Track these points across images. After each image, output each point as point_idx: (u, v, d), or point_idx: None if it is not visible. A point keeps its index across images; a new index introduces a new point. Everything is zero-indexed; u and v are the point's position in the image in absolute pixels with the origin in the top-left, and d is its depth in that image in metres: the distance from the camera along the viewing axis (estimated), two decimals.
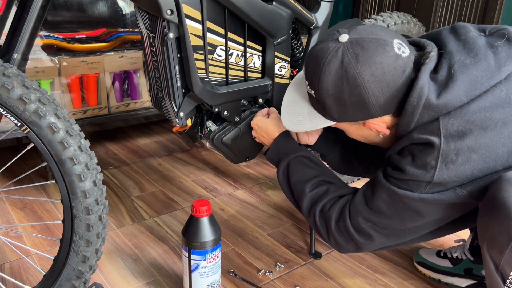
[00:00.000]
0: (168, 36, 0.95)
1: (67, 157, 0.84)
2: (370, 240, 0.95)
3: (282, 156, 1.08)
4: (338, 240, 0.98)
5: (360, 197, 0.96)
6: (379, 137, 0.96)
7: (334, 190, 1.02)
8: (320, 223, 0.99)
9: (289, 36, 1.11)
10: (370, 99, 0.85)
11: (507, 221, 0.84)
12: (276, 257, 1.30)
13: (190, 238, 1.01)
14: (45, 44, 1.66)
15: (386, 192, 0.91)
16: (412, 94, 0.84)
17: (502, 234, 0.86)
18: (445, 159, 0.83)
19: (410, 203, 0.88)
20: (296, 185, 1.04)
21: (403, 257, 1.32)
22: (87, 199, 0.87)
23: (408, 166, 0.87)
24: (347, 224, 0.95)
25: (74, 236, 0.89)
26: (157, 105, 1.15)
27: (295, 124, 0.99)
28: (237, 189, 1.70)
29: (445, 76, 0.84)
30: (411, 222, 0.91)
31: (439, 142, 0.82)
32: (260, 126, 1.12)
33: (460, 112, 0.82)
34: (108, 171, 1.81)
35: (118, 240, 1.36)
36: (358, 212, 0.94)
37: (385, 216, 0.91)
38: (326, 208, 0.99)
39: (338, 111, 0.90)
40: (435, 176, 0.84)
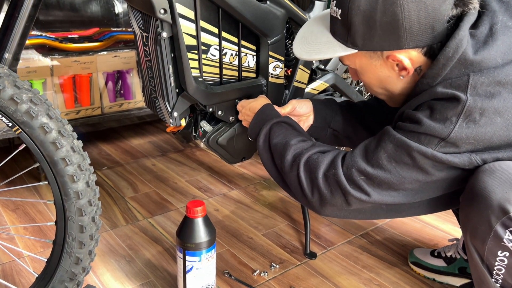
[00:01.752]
0: (161, 35, 0.94)
1: (59, 158, 0.83)
2: (361, 192, 0.87)
3: (263, 123, 1.02)
4: (322, 192, 0.90)
5: (361, 149, 0.89)
6: (398, 81, 0.89)
7: (320, 145, 0.96)
8: (304, 174, 0.91)
9: (283, 35, 1.11)
10: (404, 21, 0.78)
11: (486, 211, 0.85)
12: (271, 257, 1.29)
13: (185, 239, 1.00)
14: (37, 44, 1.65)
15: (393, 143, 0.84)
16: (449, 44, 0.79)
17: (482, 224, 0.86)
18: (467, 117, 0.79)
19: (419, 159, 0.83)
20: (278, 145, 0.97)
21: (398, 256, 1.32)
22: (80, 200, 0.86)
23: (425, 118, 0.81)
24: (338, 173, 0.87)
25: (67, 238, 0.88)
26: (151, 105, 1.14)
27: (308, 52, 0.91)
28: (232, 190, 1.70)
29: (485, 33, 0.81)
30: (410, 182, 0.86)
31: (465, 98, 0.78)
32: (244, 106, 1.09)
33: (493, 72, 0.79)
34: (101, 172, 1.79)
35: (111, 242, 1.34)
36: (353, 163, 0.87)
37: (384, 170, 0.85)
38: (313, 157, 0.92)
39: (364, 34, 0.82)
40: (452, 133, 0.80)
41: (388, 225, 1.48)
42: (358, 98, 1.41)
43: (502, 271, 0.86)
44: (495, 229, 0.84)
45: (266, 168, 1.01)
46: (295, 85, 1.20)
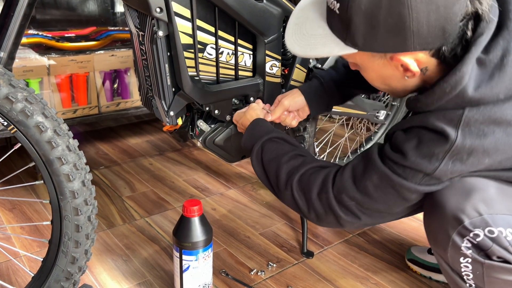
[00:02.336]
0: (157, 34, 0.94)
1: (55, 157, 0.83)
2: (352, 217, 0.89)
3: (255, 140, 1.02)
4: (318, 211, 0.91)
5: (349, 172, 0.88)
6: (402, 80, 0.82)
7: (311, 161, 0.94)
8: (299, 194, 0.92)
9: (280, 34, 1.10)
10: (412, 23, 0.70)
11: (443, 221, 0.88)
12: (268, 256, 1.29)
13: (181, 239, 1.00)
14: (33, 43, 1.64)
15: (378, 175, 0.83)
16: (448, 79, 0.73)
17: (441, 234, 0.89)
18: (454, 156, 0.77)
19: (402, 192, 0.83)
20: (270, 163, 0.97)
21: (395, 255, 1.32)
22: (76, 199, 0.86)
23: (411, 151, 0.79)
24: (330, 197, 0.88)
25: (63, 237, 0.88)
26: (147, 104, 1.14)
27: (303, 46, 0.81)
28: (229, 189, 1.69)
29: (495, 63, 0.73)
30: (397, 207, 0.88)
31: (455, 136, 0.75)
32: (238, 120, 1.10)
33: (491, 110, 0.74)
34: (98, 171, 1.79)
35: (108, 241, 1.34)
36: (343, 188, 0.87)
37: (371, 199, 0.86)
38: (305, 177, 0.91)
39: (365, 34, 0.73)
40: (437, 170, 0.79)
41: (385, 224, 1.48)
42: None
43: (471, 276, 0.89)
44: (453, 238, 0.87)
45: (260, 180, 1.03)
46: (292, 84, 1.20)
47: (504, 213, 0.84)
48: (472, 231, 0.85)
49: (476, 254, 0.87)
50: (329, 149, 1.72)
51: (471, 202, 0.85)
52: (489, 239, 0.85)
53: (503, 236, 0.84)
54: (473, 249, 0.87)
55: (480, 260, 0.86)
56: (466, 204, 0.85)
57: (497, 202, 0.85)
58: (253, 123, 1.05)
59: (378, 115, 1.54)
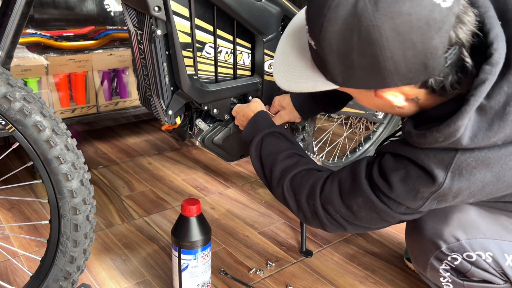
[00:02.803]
0: (155, 33, 0.94)
1: (53, 156, 0.83)
2: (337, 227, 0.89)
3: (256, 132, 1.02)
4: (306, 214, 0.92)
5: (336, 186, 0.86)
6: (396, 110, 0.78)
7: (305, 163, 0.94)
8: (289, 194, 0.93)
9: (278, 33, 1.10)
10: (387, 63, 0.65)
11: (421, 245, 0.91)
12: (267, 255, 1.29)
13: (180, 238, 1.00)
14: (31, 42, 1.64)
15: (363, 198, 0.82)
16: (442, 129, 0.68)
17: (420, 255, 0.93)
18: (440, 197, 0.75)
19: (385, 217, 0.82)
20: (268, 157, 0.97)
21: (394, 254, 1.32)
22: (74, 198, 0.86)
23: (397, 183, 0.76)
24: (316, 204, 0.88)
25: (61, 237, 0.88)
26: (146, 103, 1.14)
27: (288, 79, 0.78)
28: (228, 188, 1.69)
29: (496, 110, 0.67)
30: (380, 225, 0.88)
31: (442, 180, 0.72)
32: (238, 112, 1.10)
33: (485, 154, 0.70)
34: (97, 171, 1.79)
35: (107, 240, 1.34)
36: (330, 200, 0.86)
37: (355, 216, 0.85)
38: (297, 179, 0.91)
39: (342, 73, 0.70)
40: (421, 207, 0.78)
41: None
42: None
43: None
44: (431, 262, 0.91)
45: (257, 174, 1.02)
46: None
47: (482, 237, 0.86)
48: (450, 255, 0.88)
49: (455, 276, 0.90)
50: (327, 148, 1.72)
51: (448, 228, 0.88)
52: (467, 262, 0.87)
53: (482, 259, 0.86)
54: (452, 271, 0.90)
55: (460, 282, 0.89)
56: (444, 230, 0.88)
57: (475, 226, 0.87)
58: (257, 115, 1.05)
59: (377, 114, 1.54)
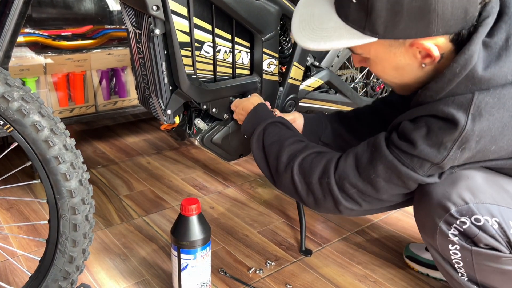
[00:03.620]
0: (154, 32, 0.93)
1: (52, 156, 0.83)
2: (352, 203, 0.89)
3: (257, 123, 1.01)
4: (317, 195, 0.90)
5: (352, 159, 0.86)
6: (417, 70, 0.81)
7: (314, 146, 0.93)
8: (298, 177, 0.91)
9: (277, 32, 1.10)
10: (438, 5, 0.68)
11: (430, 209, 0.88)
12: (266, 254, 1.29)
13: (179, 237, 1.00)
14: (30, 41, 1.64)
15: (384, 165, 0.82)
16: (458, 59, 0.73)
17: (428, 222, 0.90)
18: (463, 144, 0.77)
19: (407, 182, 0.83)
20: (272, 146, 0.96)
21: (393, 252, 1.32)
22: (73, 198, 0.86)
23: (420, 139, 0.78)
24: (331, 182, 0.87)
25: (60, 237, 0.88)
26: (144, 102, 1.14)
27: (316, 40, 0.78)
28: (227, 187, 1.69)
29: (500, 45, 0.75)
30: (398, 196, 0.88)
31: (464, 123, 0.74)
32: (238, 105, 1.10)
33: (500, 92, 0.74)
34: (96, 170, 1.79)
35: (106, 240, 1.34)
36: (346, 174, 0.86)
37: (373, 188, 0.85)
38: (307, 161, 0.90)
39: (387, 21, 0.71)
40: (446, 159, 0.78)
41: (383, 221, 1.48)
42: (352, 95, 1.40)
43: (461, 264, 0.90)
44: (440, 226, 0.88)
45: (259, 167, 1.01)
46: (289, 82, 1.20)
47: (489, 203, 0.85)
48: (459, 219, 0.86)
49: (463, 241, 0.88)
50: None
51: (457, 190, 0.86)
52: (475, 226, 0.85)
53: (489, 224, 0.84)
54: (460, 236, 0.88)
55: (468, 247, 0.87)
56: (452, 192, 0.86)
57: (483, 191, 0.86)
58: (257, 107, 1.05)
59: None
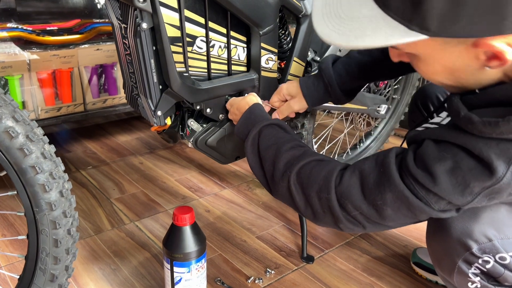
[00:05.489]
0: (141, 26, 0.85)
1: (28, 165, 0.75)
2: (354, 225, 0.77)
3: (252, 125, 0.91)
4: (316, 209, 0.79)
5: (357, 178, 0.74)
6: (478, 72, 0.63)
7: (313, 154, 0.82)
8: (296, 188, 0.80)
9: (276, 25, 1.02)
10: None
11: (447, 246, 0.80)
12: (266, 262, 1.22)
13: (172, 249, 0.92)
14: (12, 37, 1.54)
15: (394, 194, 0.70)
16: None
17: (446, 259, 0.82)
18: (493, 193, 0.65)
19: (418, 215, 0.71)
20: (268, 150, 0.85)
21: (400, 258, 1.25)
22: (53, 211, 0.78)
23: (443, 175, 0.65)
24: (331, 198, 0.76)
25: (40, 253, 0.80)
26: (133, 103, 1.05)
27: (344, 34, 0.60)
28: (224, 188, 1.61)
29: None
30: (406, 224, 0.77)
31: (502, 174, 0.62)
32: (233, 104, 1.01)
33: None
34: (86, 172, 1.70)
35: (95, 248, 1.26)
36: (348, 195, 0.74)
37: (379, 215, 0.73)
38: (305, 170, 0.79)
39: (445, 14, 0.54)
40: (468, 204, 0.67)
41: None
42: None
43: None
44: (459, 265, 0.80)
45: (254, 173, 0.90)
46: (289, 79, 1.11)
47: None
48: (481, 258, 0.78)
49: (485, 281, 0.80)
50: (328, 145, 1.65)
51: (479, 226, 0.78)
52: (500, 265, 0.77)
53: None
54: (482, 276, 0.80)
55: (491, 287, 0.80)
56: (474, 228, 0.78)
57: (508, 225, 0.78)
58: (252, 107, 0.95)
59: (379, 109, 1.46)
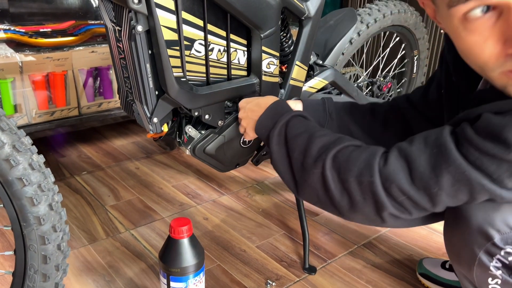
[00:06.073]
0: (136, 29, 0.80)
1: (14, 177, 0.70)
2: (401, 211, 0.71)
3: (279, 116, 0.85)
4: (354, 197, 0.72)
5: (403, 160, 0.68)
6: None
7: (350, 139, 0.77)
8: (332, 173, 0.73)
9: (278, 28, 0.97)
10: None
11: (468, 237, 0.75)
12: (266, 273, 1.17)
13: (169, 263, 0.88)
14: (3, 39, 1.50)
15: (454, 176, 0.63)
16: None
17: (465, 251, 0.76)
18: None
19: (478, 196, 0.65)
20: (298, 138, 0.80)
21: (405, 268, 1.21)
22: (42, 226, 0.73)
23: None
24: (374, 182, 0.69)
25: (28, 270, 0.75)
26: (128, 109, 1.01)
27: None
28: (222, 195, 1.57)
29: None
30: (453, 205, 0.70)
31: None
32: (249, 102, 0.95)
33: None
34: (80, 177, 1.65)
35: (89, 258, 1.21)
36: (394, 178, 0.68)
37: (432, 201, 0.67)
38: (343, 154, 0.73)
39: None
40: None
41: (392, 232, 1.37)
42: (358, 95, 1.28)
43: None
44: (479, 257, 0.74)
45: (277, 167, 0.84)
46: (291, 84, 1.07)
47: None
48: (503, 249, 0.73)
49: (507, 275, 0.75)
50: None
51: (501, 214, 0.72)
52: None
53: None
54: (504, 269, 0.74)
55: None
56: (496, 216, 0.72)
57: None
58: (279, 101, 0.90)
59: None
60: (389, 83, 1.44)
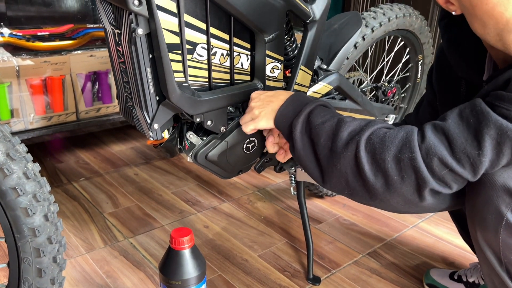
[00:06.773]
0: (136, 32, 0.77)
1: (8, 187, 0.67)
2: (443, 186, 0.71)
3: (302, 107, 0.84)
4: (391, 176, 0.71)
5: (441, 135, 0.69)
6: None
7: (381, 122, 0.77)
8: (366, 155, 0.73)
9: (282, 31, 0.94)
10: None
11: (493, 197, 0.72)
12: (269, 283, 1.14)
13: (169, 276, 0.84)
14: (0, 42, 1.46)
15: (495, 138, 0.65)
16: None
17: (491, 213, 0.73)
18: None
19: None
20: (324, 124, 0.79)
21: (411, 279, 1.17)
22: (37, 238, 0.70)
23: None
24: (416, 157, 0.69)
25: (22, 284, 0.72)
26: (127, 114, 0.98)
27: None
28: (223, 202, 1.53)
29: None
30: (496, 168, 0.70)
31: None
32: (264, 92, 0.92)
33: None
34: (78, 184, 1.62)
35: (87, 268, 1.18)
36: (435, 150, 0.69)
37: (474, 169, 0.68)
38: (377, 135, 0.73)
39: None
40: None
41: (397, 241, 1.34)
42: (363, 101, 1.25)
43: None
44: (507, 217, 0.72)
45: (300, 156, 0.82)
46: (295, 89, 1.04)
47: None
48: None
49: None
50: None
51: None
52: None
53: None
54: None
55: None
56: None
57: None
58: (299, 93, 0.89)
59: (387, 119, 1.39)
60: (394, 88, 1.41)
